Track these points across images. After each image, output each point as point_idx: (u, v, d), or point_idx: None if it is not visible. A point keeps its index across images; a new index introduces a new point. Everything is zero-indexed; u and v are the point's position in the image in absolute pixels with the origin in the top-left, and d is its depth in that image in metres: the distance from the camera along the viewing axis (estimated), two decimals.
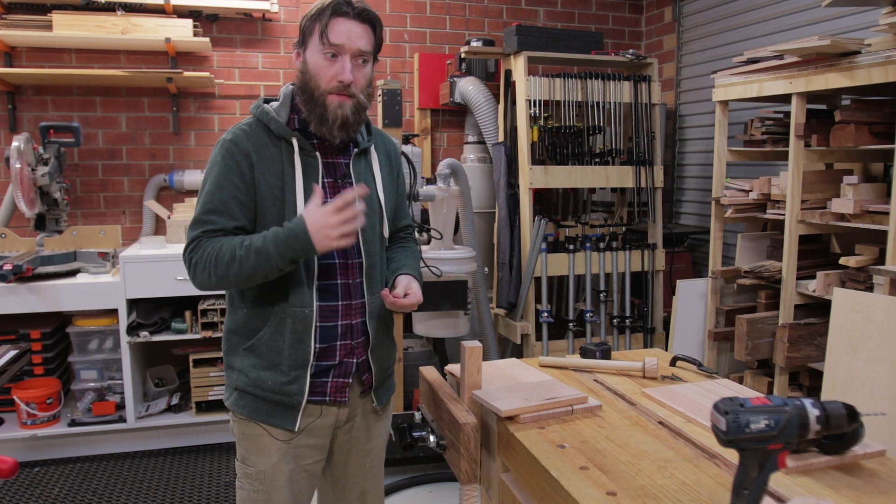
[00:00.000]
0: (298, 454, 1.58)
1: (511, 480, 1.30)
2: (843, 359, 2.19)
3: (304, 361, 1.52)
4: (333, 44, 1.45)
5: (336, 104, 1.47)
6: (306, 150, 1.52)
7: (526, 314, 3.44)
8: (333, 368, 1.56)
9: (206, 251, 1.44)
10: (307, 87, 1.49)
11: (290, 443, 1.56)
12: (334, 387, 1.56)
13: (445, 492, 2.93)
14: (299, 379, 1.52)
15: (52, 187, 3.31)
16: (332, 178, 1.56)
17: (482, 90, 3.69)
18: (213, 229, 1.46)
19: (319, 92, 1.47)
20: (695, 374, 1.62)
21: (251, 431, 1.57)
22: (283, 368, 1.51)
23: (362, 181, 1.58)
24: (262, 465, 1.57)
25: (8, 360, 2.08)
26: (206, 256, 1.43)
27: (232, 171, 1.47)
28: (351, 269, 1.56)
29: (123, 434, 3.24)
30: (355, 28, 1.46)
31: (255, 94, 3.94)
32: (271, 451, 1.56)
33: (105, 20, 3.47)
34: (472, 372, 1.40)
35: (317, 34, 1.46)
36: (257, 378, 1.53)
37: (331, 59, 1.46)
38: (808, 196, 2.59)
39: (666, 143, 4.20)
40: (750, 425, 0.90)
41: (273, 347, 1.51)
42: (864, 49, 2.31)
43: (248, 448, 1.59)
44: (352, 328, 1.57)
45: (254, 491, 1.59)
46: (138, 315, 3.15)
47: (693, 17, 4.10)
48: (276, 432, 1.55)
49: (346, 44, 1.45)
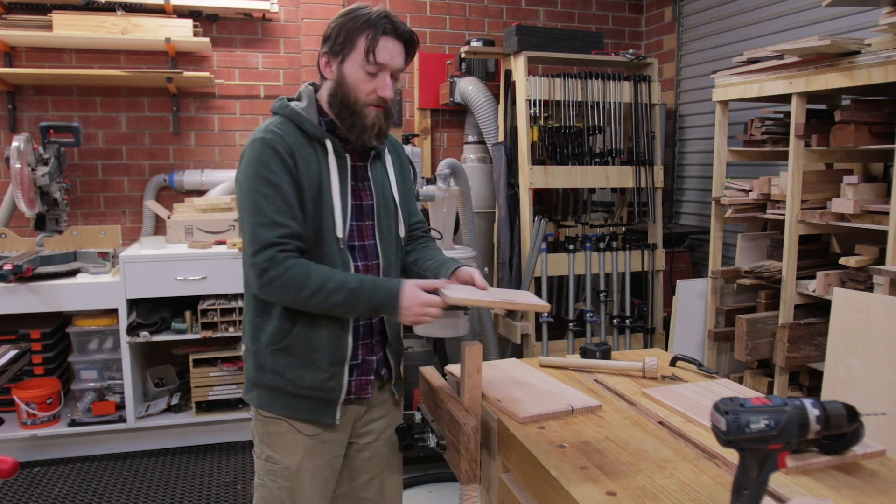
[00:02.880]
0: (324, 449, 1.60)
1: (511, 480, 1.31)
2: (843, 359, 2.19)
3: (342, 357, 1.55)
4: (379, 63, 1.48)
5: (374, 115, 1.52)
6: (338, 153, 1.55)
7: (526, 314, 3.44)
8: (357, 367, 1.59)
9: (290, 271, 1.43)
10: (344, 98, 1.51)
11: (315, 438, 1.58)
12: (358, 385, 1.60)
13: (445, 492, 2.93)
14: (337, 375, 1.55)
15: (52, 187, 3.31)
16: (354, 181, 1.58)
17: (482, 90, 3.69)
18: (286, 234, 1.45)
19: (359, 104, 1.50)
20: (695, 374, 1.62)
21: (276, 429, 1.59)
22: (321, 365, 1.53)
23: (379, 183, 1.62)
24: (288, 462, 1.58)
25: (8, 360, 2.08)
26: (291, 277, 1.43)
27: (282, 168, 1.46)
28: (370, 271, 1.59)
29: (123, 434, 3.24)
30: (398, 47, 1.51)
31: (255, 94, 3.95)
32: (297, 447, 1.58)
33: (105, 20, 3.47)
34: (472, 372, 1.40)
35: (361, 50, 1.48)
36: (295, 377, 1.54)
37: (373, 76, 1.50)
38: (808, 196, 2.59)
39: (666, 143, 4.20)
40: (750, 425, 0.90)
41: (308, 346, 1.53)
42: (864, 49, 2.31)
43: (273, 446, 1.60)
44: (371, 327, 1.61)
45: (277, 488, 1.60)
46: (138, 315, 3.15)
47: (693, 17, 4.10)
48: (304, 427, 1.57)
49: (389, 62, 1.49)
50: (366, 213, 1.58)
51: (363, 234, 1.58)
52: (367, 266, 1.58)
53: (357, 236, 1.57)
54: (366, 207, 1.59)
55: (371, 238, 1.59)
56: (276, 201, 1.44)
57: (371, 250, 1.59)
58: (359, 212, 1.57)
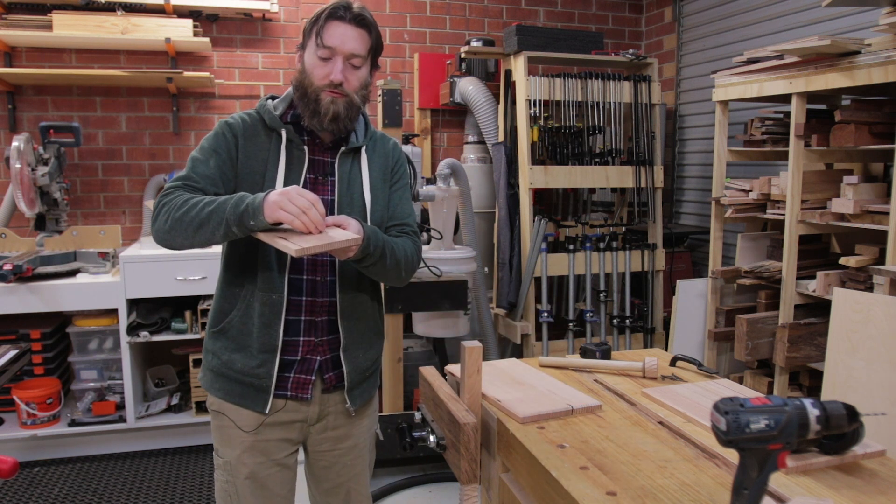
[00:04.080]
0: (267, 448, 1.60)
1: (511, 480, 1.30)
2: (843, 359, 2.19)
3: (272, 346, 1.55)
4: (327, 46, 1.51)
5: (329, 100, 1.53)
6: (294, 143, 1.57)
7: (526, 314, 3.44)
8: (296, 364, 1.58)
9: (176, 198, 1.46)
10: (302, 84, 1.55)
11: (256, 435, 1.58)
12: (295, 382, 1.59)
13: (445, 492, 2.93)
14: (267, 363, 1.55)
15: (52, 187, 3.31)
16: (314, 175, 1.58)
17: (482, 90, 3.69)
18: (195, 186, 1.50)
19: (313, 88, 1.53)
20: (695, 374, 1.62)
21: (220, 423, 1.62)
22: (251, 351, 1.55)
23: (346, 179, 1.60)
24: (228, 457, 1.61)
25: (8, 360, 2.08)
26: (173, 202, 1.46)
27: (221, 146, 1.54)
28: (320, 267, 1.57)
29: (123, 434, 3.24)
30: (349, 31, 1.52)
31: (255, 94, 3.94)
32: (235, 442, 1.59)
33: (105, 20, 3.47)
34: (472, 372, 1.40)
35: (314, 35, 1.53)
36: (228, 360, 1.57)
37: (324, 60, 1.52)
38: (808, 196, 2.59)
39: (666, 143, 4.20)
40: (750, 425, 0.90)
41: (243, 330, 1.55)
42: (864, 49, 2.31)
43: (218, 439, 1.64)
44: (315, 325, 1.59)
45: (224, 482, 1.63)
46: (138, 315, 3.15)
47: (693, 17, 4.10)
48: (244, 423, 1.58)
49: (339, 46, 1.51)
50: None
51: None
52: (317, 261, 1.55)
53: None
54: (323, 202, 1.49)
55: None
56: (203, 165, 1.52)
57: None
58: None
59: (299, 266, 1.56)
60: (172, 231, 1.46)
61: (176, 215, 1.44)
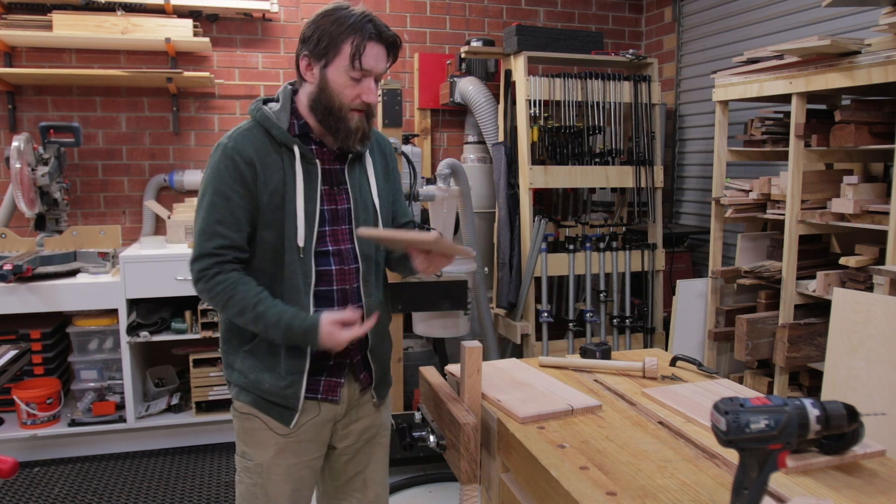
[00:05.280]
0: (299, 449, 1.60)
1: (511, 480, 1.31)
2: (843, 359, 2.19)
3: (300, 367, 1.55)
4: (365, 69, 1.47)
5: (357, 119, 1.51)
6: (307, 158, 1.53)
7: (526, 314, 3.44)
8: (327, 369, 1.59)
9: (216, 287, 1.48)
10: (328, 103, 1.50)
11: (288, 437, 1.58)
12: (326, 386, 1.59)
13: (445, 492, 2.93)
14: (295, 384, 1.55)
15: (52, 187, 3.31)
16: (328, 185, 1.57)
17: (482, 90, 3.69)
18: (224, 245, 1.48)
19: (344, 109, 1.49)
20: (695, 374, 1.62)
21: (250, 425, 1.60)
22: (280, 372, 1.55)
23: (357, 186, 1.60)
24: (260, 459, 1.60)
25: (8, 360, 2.08)
26: (216, 293, 1.48)
27: (236, 181, 1.47)
28: (347, 275, 1.58)
29: (123, 434, 3.24)
30: (382, 52, 1.50)
31: (255, 94, 3.94)
32: (269, 444, 1.59)
33: (105, 20, 3.47)
34: (472, 372, 1.40)
35: (346, 55, 1.46)
36: (256, 380, 1.57)
37: (357, 81, 1.48)
38: (808, 196, 2.59)
39: (666, 143, 4.20)
40: (750, 425, 0.90)
41: (270, 351, 1.55)
42: (864, 49, 2.31)
43: (247, 442, 1.62)
44: None
45: (252, 485, 1.62)
46: (138, 315, 3.15)
47: (693, 17, 4.10)
48: (276, 426, 1.58)
49: (375, 68, 1.49)
50: (341, 217, 1.57)
51: (338, 238, 1.56)
52: (345, 270, 1.57)
53: (332, 241, 1.55)
54: (341, 211, 1.57)
55: (348, 242, 1.57)
56: (222, 212, 1.47)
57: (348, 254, 1.57)
58: (334, 216, 1.56)
59: (329, 278, 1.55)
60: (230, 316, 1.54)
61: (227, 313, 1.52)
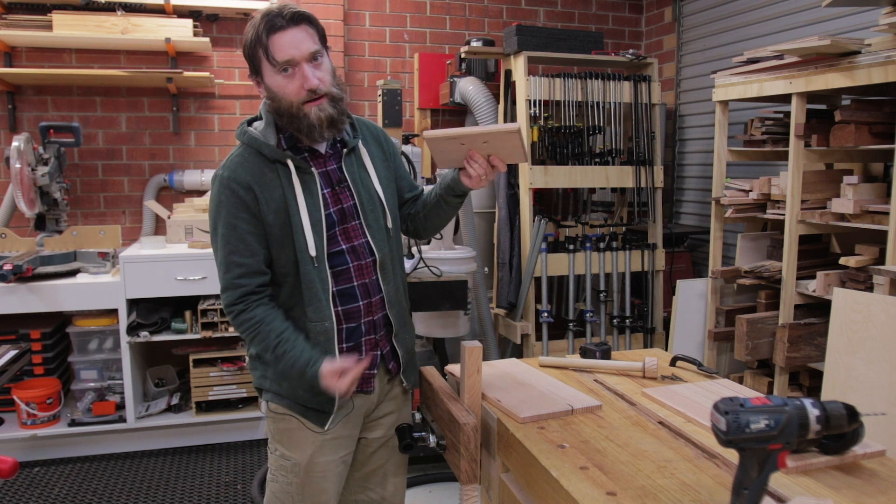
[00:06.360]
0: (336, 446, 1.62)
1: (511, 480, 1.31)
2: (843, 359, 2.19)
3: None
4: (283, 61, 1.43)
5: (315, 110, 1.47)
6: (302, 168, 1.53)
7: (526, 314, 3.44)
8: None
9: (243, 325, 1.52)
10: (280, 108, 1.49)
11: (325, 434, 1.59)
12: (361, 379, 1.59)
13: (445, 492, 2.93)
14: None
15: (52, 187, 3.31)
16: (330, 187, 1.57)
17: (482, 90, 3.69)
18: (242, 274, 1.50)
19: (294, 106, 1.47)
20: (695, 374, 1.62)
21: (287, 426, 1.61)
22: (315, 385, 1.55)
23: (358, 180, 1.59)
24: (299, 458, 1.60)
25: (8, 360, 2.08)
26: (243, 331, 1.53)
27: (238, 208, 1.49)
28: (365, 269, 1.59)
29: (123, 434, 3.24)
30: (296, 34, 1.44)
31: (254, 94, 3.94)
32: (307, 444, 1.60)
33: (105, 20, 3.47)
34: (472, 372, 1.40)
35: (264, 58, 1.45)
36: (289, 388, 1.58)
37: (289, 75, 1.45)
38: (808, 196, 2.59)
39: (666, 143, 4.20)
40: (750, 425, 0.90)
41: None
42: (864, 49, 2.31)
43: (284, 442, 1.62)
44: (374, 324, 1.62)
45: (287, 483, 1.62)
46: (138, 315, 3.15)
47: (693, 17, 4.10)
48: (312, 426, 1.60)
49: (297, 54, 1.43)
50: (349, 215, 1.57)
51: (350, 235, 1.57)
52: (362, 265, 1.58)
53: (344, 240, 1.56)
54: (348, 209, 1.57)
55: (361, 237, 1.58)
56: (234, 242, 1.49)
57: (363, 249, 1.58)
58: (341, 215, 1.56)
59: (348, 275, 1.56)
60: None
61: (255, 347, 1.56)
